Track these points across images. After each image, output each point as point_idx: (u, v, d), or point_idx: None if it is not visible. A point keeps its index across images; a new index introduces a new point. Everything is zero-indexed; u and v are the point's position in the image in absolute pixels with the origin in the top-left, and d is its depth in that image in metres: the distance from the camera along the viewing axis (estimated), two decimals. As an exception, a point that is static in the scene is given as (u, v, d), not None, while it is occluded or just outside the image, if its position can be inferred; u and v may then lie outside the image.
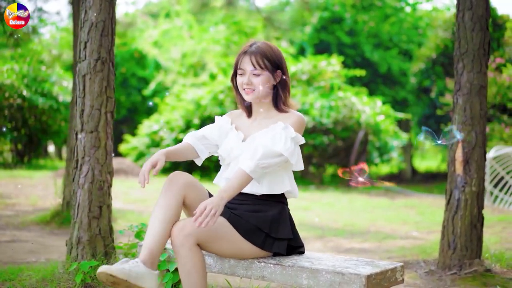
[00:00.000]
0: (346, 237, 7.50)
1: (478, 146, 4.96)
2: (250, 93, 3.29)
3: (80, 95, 4.30)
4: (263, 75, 3.27)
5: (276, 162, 3.14)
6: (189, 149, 3.38)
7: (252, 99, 3.31)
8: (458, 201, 4.98)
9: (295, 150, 3.20)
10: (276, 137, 3.17)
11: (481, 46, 4.95)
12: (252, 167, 3.08)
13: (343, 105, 16.13)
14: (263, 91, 3.29)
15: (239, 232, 3.14)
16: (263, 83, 3.27)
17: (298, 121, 3.27)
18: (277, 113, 3.34)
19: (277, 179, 3.26)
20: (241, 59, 3.31)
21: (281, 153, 3.13)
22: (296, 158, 3.21)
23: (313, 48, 22.74)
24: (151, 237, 3.02)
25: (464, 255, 4.94)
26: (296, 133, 3.21)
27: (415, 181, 19.74)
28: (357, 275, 2.89)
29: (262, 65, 3.26)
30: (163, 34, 25.26)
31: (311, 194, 12.92)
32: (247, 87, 3.28)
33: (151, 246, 3.00)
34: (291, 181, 3.33)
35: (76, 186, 4.29)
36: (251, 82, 3.27)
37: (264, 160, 3.10)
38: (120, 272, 2.83)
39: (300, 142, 3.25)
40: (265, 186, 3.24)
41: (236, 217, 3.17)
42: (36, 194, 10.29)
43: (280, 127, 3.20)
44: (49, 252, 5.86)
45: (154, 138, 17.53)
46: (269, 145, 3.14)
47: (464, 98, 4.97)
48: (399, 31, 23.79)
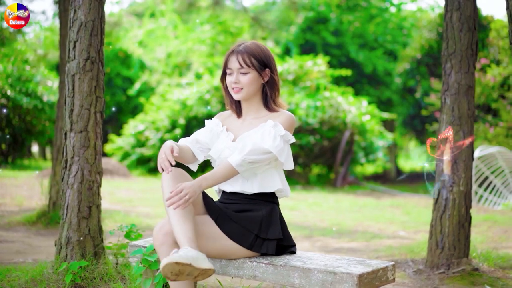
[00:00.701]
0: (334, 236, 7.51)
1: (466, 146, 4.99)
2: (239, 92, 3.29)
3: (69, 94, 4.27)
4: (250, 73, 3.27)
5: (264, 158, 3.15)
6: (188, 150, 3.38)
7: (240, 98, 3.31)
8: (446, 201, 5.00)
9: (284, 148, 3.20)
10: (265, 135, 3.18)
11: (469, 46, 4.98)
12: (239, 161, 3.10)
13: (329, 105, 16.16)
14: (251, 89, 3.29)
15: (227, 234, 3.15)
16: (251, 81, 3.28)
17: (288, 120, 3.27)
18: (267, 113, 3.34)
19: (268, 177, 3.26)
20: (229, 59, 3.31)
21: (269, 150, 3.14)
22: (286, 156, 3.22)
23: (299, 48, 22.78)
24: (181, 225, 2.99)
25: (452, 254, 4.96)
26: (286, 131, 3.21)
27: (400, 181, 19.83)
28: (349, 274, 2.90)
29: (249, 63, 3.26)
30: (148, 34, 25.19)
31: (298, 194, 12.93)
32: (235, 85, 3.29)
33: (186, 233, 2.97)
34: (282, 179, 3.33)
35: (65, 186, 4.26)
36: (239, 80, 3.28)
37: (251, 155, 3.11)
38: (183, 258, 2.78)
39: (290, 141, 3.25)
40: (256, 185, 3.25)
41: (224, 218, 3.17)
42: (22, 195, 10.22)
43: (269, 125, 3.21)
44: (36, 252, 5.83)
45: (140, 138, 17.49)
46: (258, 142, 3.15)
47: (452, 98, 5.00)
48: (384, 32, 23.90)
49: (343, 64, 22.50)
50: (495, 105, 12.82)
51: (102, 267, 4.21)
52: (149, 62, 24.64)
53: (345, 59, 22.94)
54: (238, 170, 3.12)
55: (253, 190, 3.25)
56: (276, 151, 3.14)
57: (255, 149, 3.12)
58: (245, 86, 3.28)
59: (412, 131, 20.84)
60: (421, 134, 20.14)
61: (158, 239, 3.11)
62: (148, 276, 3.52)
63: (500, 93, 13.01)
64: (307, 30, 23.09)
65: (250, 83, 3.28)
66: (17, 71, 16.55)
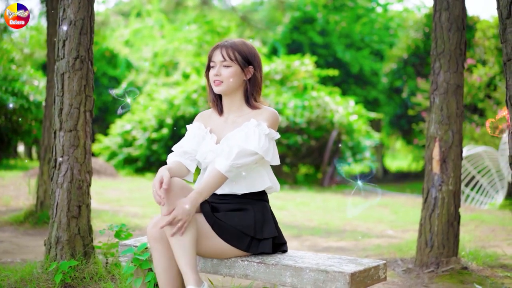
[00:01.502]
0: (322, 236, 7.52)
1: (454, 145, 5.01)
2: (219, 85, 3.26)
3: (58, 93, 4.25)
4: (232, 67, 3.25)
5: (251, 160, 3.13)
6: (180, 166, 3.31)
7: (220, 91, 3.27)
8: (435, 200, 5.02)
9: (269, 146, 3.18)
10: (250, 135, 3.15)
11: (457, 46, 5.00)
12: (227, 167, 3.08)
13: (316, 105, 16.18)
14: (232, 83, 3.25)
15: (224, 240, 3.14)
16: (232, 75, 3.25)
17: (271, 117, 3.25)
18: (250, 110, 3.31)
19: (256, 176, 3.25)
20: (213, 53, 3.31)
21: (255, 151, 3.12)
22: (272, 154, 3.20)
23: (286, 48, 22.80)
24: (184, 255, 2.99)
25: (441, 253, 4.98)
26: (270, 129, 3.19)
27: (387, 180, 19.91)
28: (341, 273, 2.90)
29: (232, 57, 3.24)
30: (134, 33, 25.13)
31: (285, 193, 12.94)
32: (216, 78, 3.26)
33: (191, 264, 2.98)
34: (271, 176, 3.32)
35: (55, 185, 4.24)
36: (220, 73, 3.25)
37: (238, 160, 3.09)
38: None
39: (274, 138, 3.24)
40: (245, 185, 3.24)
41: (220, 224, 3.14)
42: (8, 194, 10.15)
43: (253, 125, 3.19)
44: (24, 252, 5.79)
45: (127, 138, 17.45)
46: (243, 144, 3.12)
47: (441, 98, 5.01)
48: (370, 32, 23.97)
49: (330, 64, 22.55)
50: (482, 105, 12.89)
51: (92, 266, 4.20)
52: (135, 61, 24.57)
53: (332, 59, 22.99)
54: (227, 176, 3.10)
55: (243, 190, 3.24)
56: (262, 152, 3.13)
57: (241, 152, 3.10)
58: (225, 79, 3.25)
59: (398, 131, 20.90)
60: (408, 134, 20.20)
61: (152, 235, 3.10)
62: (139, 275, 3.51)
63: (486, 93, 13.09)
64: (294, 30, 23.13)
65: (231, 76, 3.25)
66: (3, 70, 16.41)
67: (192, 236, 2.99)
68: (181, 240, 2.97)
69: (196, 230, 3.03)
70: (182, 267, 2.97)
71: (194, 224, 3.02)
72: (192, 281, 2.94)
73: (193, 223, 3.01)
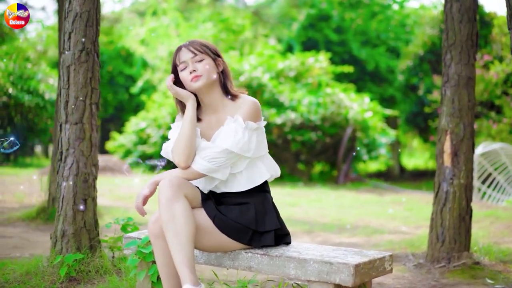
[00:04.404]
0: (334, 232, 7.46)
1: (466, 138, 4.94)
2: (198, 79, 3.15)
3: (64, 86, 4.23)
4: (205, 59, 3.17)
5: (228, 158, 3.08)
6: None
7: (203, 85, 3.16)
8: (446, 194, 4.95)
9: (249, 140, 3.10)
10: (229, 134, 3.09)
11: (468, 37, 4.93)
12: (205, 168, 3.09)
13: (331, 102, 16.09)
14: (211, 76, 3.16)
15: (225, 234, 3.10)
16: (209, 66, 3.16)
17: (251, 108, 3.14)
18: (230, 102, 3.23)
19: (253, 170, 3.19)
20: (178, 56, 3.20)
21: (229, 150, 3.07)
22: (254, 148, 3.13)
23: (301, 46, 22.70)
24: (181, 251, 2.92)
25: (453, 247, 4.91)
26: (247, 122, 3.10)
27: (403, 179, 19.77)
28: (345, 264, 2.85)
29: (202, 50, 3.17)
30: (150, 32, 25.14)
31: (299, 190, 12.88)
32: (194, 73, 3.15)
33: (187, 262, 2.91)
34: (267, 164, 3.25)
35: (61, 178, 4.22)
36: (196, 68, 3.15)
37: (214, 159, 3.07)
38: None
39: (258, 128, 3.15)
40: (244, 183, 3.18)
41: (221, 218, 3.09)
42: (22, 191, 10.19)
43: (231, 121, 3.12)
44: (34, 247, 5.79)
45: (141, 136, 17.45)
46: (219, 143, 3.09)
47: (452, 90, 4.94)
48: (386, 29, 23.81)
49: (346, 62, 22.42)
50: (499, 102, 12.73)
51: (98, 260, 4.17)
52: (151, 60, 24.60)
53: (347, 56, 22.87)
54: (206, 174, 3.11)
55: (242, 188, 3.19)
56: (237, 149, 3.07)
57: (215, 152, 3.08)
58: (204, 72, 3.15)
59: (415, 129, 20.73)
60: (424, 132, 20.03)
61: (153, 232, 3.07)
62: (143, 268, 3.48)
63: (503, 90, 12.93)
64: (309, 27, 23.02)
65: (209, 68, 3.16)
66: (19, 69, 16.50)
67: (189, 232, 2.93)
68: (179, 237, 2.91)
69: (194, 227, 2.96)
70: (177, 265, 2.89)
71: (192, 221, 2.96)
72: (188, 280, 2.85)
73: (191, 220, 2.95)
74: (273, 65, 16.87)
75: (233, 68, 16.28)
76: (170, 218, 2.92)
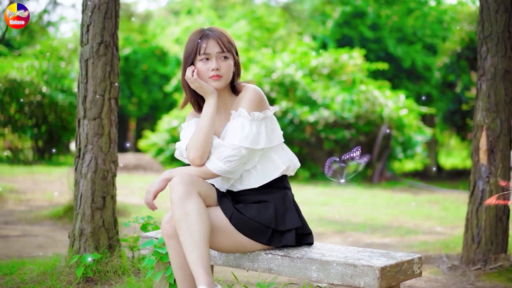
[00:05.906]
0: (367, 232, 7.25)
1: (503, 134, 4.70)
2: (218, 80, 2.99)
3: (82, 80, 4.10)
4: (230, 59, 3.02)
5: (242, 156, 2.92)
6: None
7: (220, 86, 3.01)
8: (482, 193, 4.72)
9: (257, 132, 2.94)
10: (236, 129, 2.94)
11: (505, 28, 4.69)
12: (220, 169, 2.95)
13: (365, 99, 15.80)
14: (229, 77, 3.03)
15: (242, 233, 2.93)
16: (231, 68, 3.02)
17: (253, 97, 2.98)
18: (235, 97, 3.09)
19: (267, 164, 3.03)
20: (206, 43, 2.98)
21: (240, 146, 2.91)
22: (264, 139, 2.96)
23: (336, 43, 22.44)
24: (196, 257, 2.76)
25: (489, 249, 4.68)
26: (252, 113, 2.94)
27: (440, 178, 19.38)
28: (371, 267, 2.67)
29: (229, 48, 3.01)
30: (184, 31, 25.14)
31: (332, 189, 12.65)
32: (216, 72, 2.98)
33: (202, 262, 2.75)
34: (282, 156, 3.07)
35: (79, 175, 4.10)
36: (220, 66, 2.99)
37: (229, 160, 2.93)
38: None
39: (266, 117, 2.99)
40: (260, 178, 3.02)
41: (237, 216, 2.93)
42: (53, 190, 10.16)
43: (235, 116, 2.98)
44: (58, 246, 5.70)
45: (174, 134, 17.38)
46: (229, 141, 2.93)
47: (488, 84, 4.71)
48: (423, 25, 23.42)
49: (381, 59, 22.09)
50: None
51: (116, 260, 4.04)
52: (185, 59, 24.59)
53: (383, 53, 22.54)
54: (221, 175, 2.99)
55: (257, 183, 3.02)
56: (248, 144, 2.91)
57: (228, 150, 2.92)
58: (225, 74, 3.00)
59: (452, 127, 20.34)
60: (462, 130, 19.63)
61: (166, 232, 2.93)
62: (160, 269, 3.33)
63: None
64: (344, 24, 22.74)
65: (230, 69, 3.02)
66: (52, 68, 16.59)
67: (203, 230, 2.77)
68: (192, 235, 2.75)
69: (209, 225, 2.80)
70: (191, 264, 2.74)
71: (206, 218, 2.79)
72: (203, 281, 2.69)
73: (205, 217, 2.79)
74: (306, 62, 16.65)
75: (265, 66, 16.13)
76: (182, 215, 2.77)
